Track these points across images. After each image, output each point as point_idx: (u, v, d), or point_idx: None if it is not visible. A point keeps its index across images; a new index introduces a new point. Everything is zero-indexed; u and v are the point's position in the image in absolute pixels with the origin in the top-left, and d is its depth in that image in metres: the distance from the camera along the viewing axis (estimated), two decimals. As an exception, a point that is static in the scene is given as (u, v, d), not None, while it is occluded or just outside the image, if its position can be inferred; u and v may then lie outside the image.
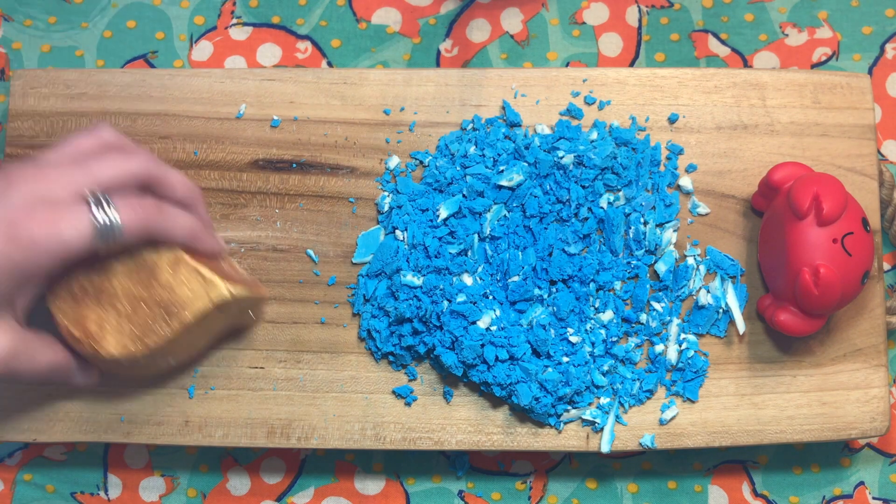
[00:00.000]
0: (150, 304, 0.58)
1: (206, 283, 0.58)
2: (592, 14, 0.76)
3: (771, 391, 0.66)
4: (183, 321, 0.58)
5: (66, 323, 0.58)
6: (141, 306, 0.58)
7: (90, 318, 0.58)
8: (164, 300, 0.58)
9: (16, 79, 0.69)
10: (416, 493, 0.71)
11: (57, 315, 0.58)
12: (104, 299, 0.58)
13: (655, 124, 0.69)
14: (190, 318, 0.58)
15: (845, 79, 0.69)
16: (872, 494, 0.71)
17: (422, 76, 0.69)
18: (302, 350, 0.67)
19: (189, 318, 0.58)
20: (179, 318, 0.58)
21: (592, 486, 0.71)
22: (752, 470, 0.71)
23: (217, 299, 0.59)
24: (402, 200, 0.67)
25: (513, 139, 0.68)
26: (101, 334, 0.58)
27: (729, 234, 0.68)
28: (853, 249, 0.61)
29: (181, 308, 0.58)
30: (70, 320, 0.58)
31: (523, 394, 0.63)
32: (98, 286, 0.58)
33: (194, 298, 0.58)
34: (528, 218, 0.66)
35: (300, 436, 0.66)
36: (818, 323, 0.63)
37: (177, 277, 0.58)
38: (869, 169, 0.68)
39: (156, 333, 0.58)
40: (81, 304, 0.58)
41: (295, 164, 0.68)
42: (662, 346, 0.66)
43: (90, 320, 0.58)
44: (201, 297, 0.58)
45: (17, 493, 0.71)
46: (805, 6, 0.76)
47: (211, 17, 0.76)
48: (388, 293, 0.66)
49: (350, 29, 0.76)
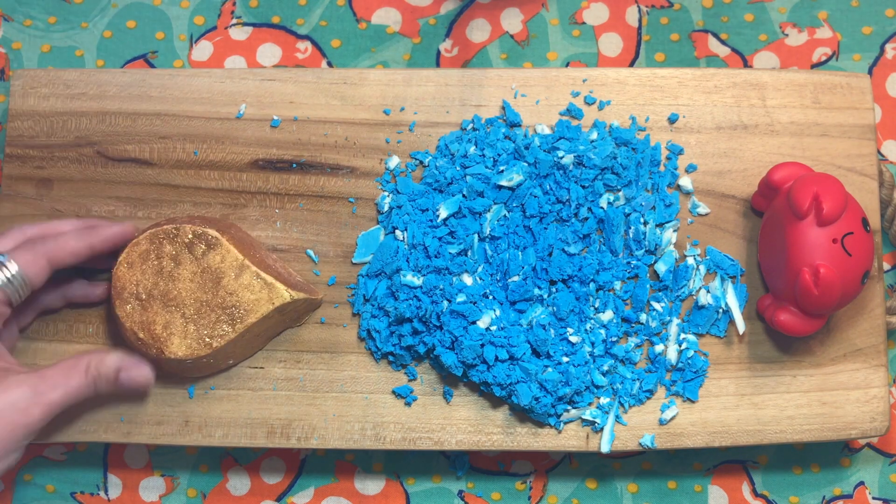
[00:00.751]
0: (215, 307, 0.62)
1: (268, 288, 0.62)
2: (592, 14, 0.76)
3: (771, 391, 0.66)
4: (246, 323, 0.62)
5: (133, 327, 0.62)
6: (205, 310, 0.62)
7: (157, 322, 0.62)
8: (228, 304, 0.62)
9: (16, 79, 0.69)
10: (416, 493, 0.71)
11: (124, 320, 0.62)
12: (170, 304, 0.62)
13: (655, 124, 0.69)
14: (253, 321, 0.62)
15: (845, 79, 0.69)
16: (872, 494, 0.71)
17: (422, 76, 0.69)
18: (302, 350, 0.67)
19: (252, 321, 0.62)
20: (243, 320, 0.62)
21: (592, 486, 0.71)
22: (752, 470, 0.71)
23: (278, 302, 0.62)
24: (402, 200, 0.67)
25: (513, 139, 0.68)
26: (167, 337, 0.62)
27: (729, 234, 0.68)
28: (853, 249, 0.61)
29: (244, 311, 0.62)
30: (136, 324, 0.62)
31: (523, 394, 0.63)
32: (164, 291, 0.62)
33: (256, 302, 0.62)
34: (528, 218, 0.66)
35: (300, 436, 0.66)
36: (818, 323, 0.63)
37: (240, 282, 0.62)
38: (869, 169, 0.68)
39: (219, 336, 0.62)
40: (148, 310, 0.62)
41: (295, 164, 0.68)
42: (662, 346, 0.66)
43: (156, 324, 0.62)
44: (263, 301, 0.62)
45: (17, 493, 0.71)
46: (805, 6, 0.76)
47: (211, 17, 0.76)
48: (388, 293, 0.66)
49: (350, 29, 0.76)
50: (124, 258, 0.63)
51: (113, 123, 0.69)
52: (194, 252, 0.63)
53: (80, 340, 0.67)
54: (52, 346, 0.67)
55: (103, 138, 0.69)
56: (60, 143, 0.68)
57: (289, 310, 0.64)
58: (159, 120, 0.69)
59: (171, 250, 0.63)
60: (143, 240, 0.63)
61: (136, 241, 0.63)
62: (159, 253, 0.63)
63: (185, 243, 0.63)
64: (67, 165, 0.68)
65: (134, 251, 0.63)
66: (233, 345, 0.63)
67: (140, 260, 0.63)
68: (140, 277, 0.63)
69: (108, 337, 0.67)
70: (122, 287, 0.63)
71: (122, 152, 0.68)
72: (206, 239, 0.63)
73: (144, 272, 0.63)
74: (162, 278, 0.63)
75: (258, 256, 0.65)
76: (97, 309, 0.67)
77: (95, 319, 0.67)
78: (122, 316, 0.62)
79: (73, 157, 0.68)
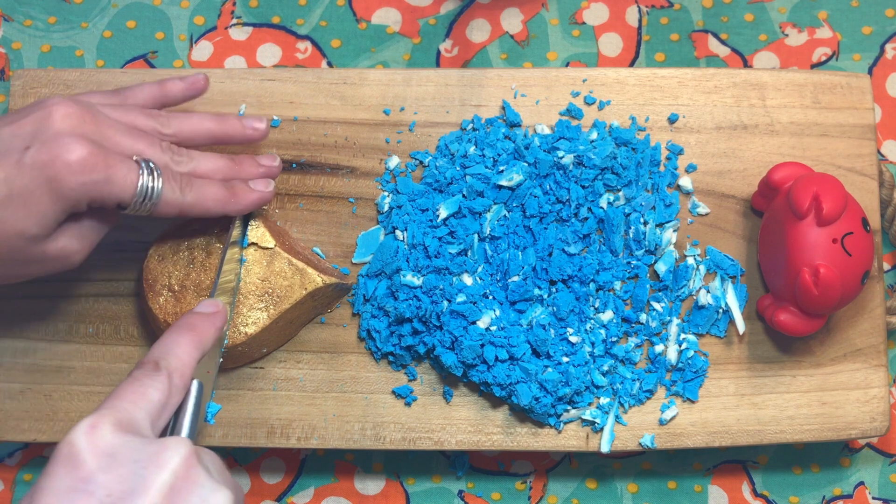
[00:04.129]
0: (248, 295, 0.62)
1: (300, 273, 0.63)
2: (592, 14, 0.76)
3: (771, 391, 0.66)
4: (280, 310, 0.62)
5: (167, 319, 0.62)
6: (239, 298, 0.62)
7: None
8: (261, 291, 0.62)
9: (16, 79, 0.69)
10: (416, 493, 0.71)
11: (157, 312, 0.62)
12: (204, 294, 0.62)
13: (655, 124, 0.69)
14: (286, 307, 0.63)
15: (845, 79, 0.69)
16: (872, 494, 0.71)
17: (422, 76, 0.69)
18: (302, 350, 0.67)
19: (285, 307, 0.63)
20: (277, 307, 0.62)
21: (592, 486, 0.71)
22: (752, 470, 0.71)
23: (311, 287, 0.63)
24: (402, 200, 0.67)
25: (513, 139, 0.68)
26: None
27: (729, 234, 0.68)
28: (853, 249, 0.61)
29: (278, 298, 0.62)
30: (171, 316, 0.62)
31: (523, 394, 0.63)
32: (196, 282, 0.62)
33: (289, 287, 0.63)
34: (528, 218, 0.66)
35: (300, 436, 0.66)
36: (818, 323, 0.63)
37: (272, 269, 0.63)
38: (869, 169, 0.68)
39: (254, 323, 0.62)
40: (181, 301, 0.62)
41: (295, 164, 0.68)
42: (662, 346, 0.66)
43: None
44: (296, 286, 0.63)
45: (17, 493, 0.71)
46: (805, 6, 0.76)
47: (211, 17, 0.76)
48: (388, 293, 0.66)
49: (350, 29, 0.76)
50: (154, 251, 0.63)
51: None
52: (224, 241, 0.63)
53: (80, 340, 0.67)
54: (52, 347, 0.67)
55: (103, 138, 0.68)
56: (60, 143, 0.68)
57: (321, 295, 0.64)
58: (159, 120, 0.69)
59: (202, 241, 0.63)
60: (172, 232, 0.64)
61: (165, 234, 0.64)
62: (190, 244, 0.63)
63: (216, 233, 0.63)
64: (67, 165, 0.68)
65: (164, 244, 0.64)
66: (266, 332, 0.63)
67: (171, 252, 0.63)
68: (172, 269, 0.63)
69: (106, 337, 0.67)
70: (153, 280, 0.63)
71: (122, 152, 0.68)
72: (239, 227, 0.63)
73: (175, 264, 0.63)
74: (194, 269, 0.63)
75: (287, 243, 0.65)
76: (97, 309, 0.67)
77: (96, 319, 0.67)
78: (155, 308, 0.63)
79: (73, 157, 0.68)
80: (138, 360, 0.54)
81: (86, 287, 0.67)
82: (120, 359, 0.66)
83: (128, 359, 0.66)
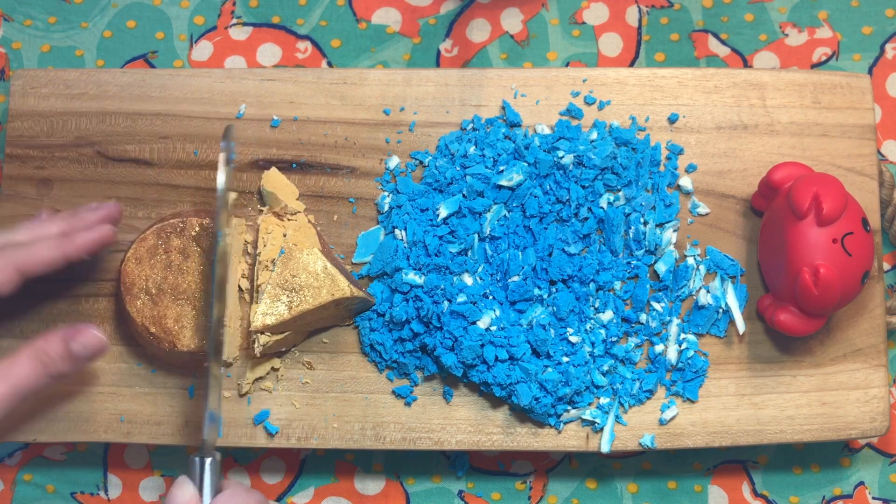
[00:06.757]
0: (275, 286, 0.63)
1: (331, 279, 0.63)
2: (592, 14, 0.76)
3: (771, 391, 0.66)
4: (302, 308, 0.63)
5: (144, 322, 0.63)
6: (266, 288, 0.62)
7: (168, 316, 0.63)
8: (290, 287, 0.63)
9: (16, 79, 0.69)
10: (416, 493, 0.71)
11: (135, 316, 0.63)
12: (181, 297, 0.63)
13: (655, 124, 0.69)
14: (308, 307, 0.63)
15: (845, 79, 0.69)
16: (872, 494, 0.71)
17: (422, 76, 0.69)
18: (302, 350, 0.67)
19: (308, 307, 0.63)
20: (300, 305, 0.62)
21: (592, 486, 0.71)
22: (752, 470, 0.71)
23: (338, 294, 0.63)
24: (402, 200, 0.67)
25: (513, 139, 0.68)
26: (178, 330, 0.62)
27: (729, 234, 0.68)
28: (853, 249, 0.61)
29: (304, 297, 0.63)
30: (147, 319, 0.63)
31: (523, 394, 0.63)
32: (173, 285, 0.63)
33: (318, 290, 0.63)
34: (528, 218, 0.66)
35: (300, 436, 0.66)
36: (818, 323, 0.63)
37: (307, 268, 0.63)
38: (869, 169, 0.68)
39: (274, 314, 0.62)
40: (159, 304, 0.63)
41: (295, 164, 0.68)
42: (662, 346, 0.66)
43: (168, 318, 0.63)
44: (324, 291, 0.63)
45: (17, 493, 0.71)
46: (805, 6, 0.76)
47: (211, 17, 0.76)
48: (387, 296, 0.66)
49: (350, 29, 0.76)
50: (132, 254, 0.63)
51: (113, 123, 0.69)
52: (202, 245, 0.63)
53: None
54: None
55: (103, 138, 0.69)
56: (60, 144, 0.68)
57: (344, 306, 0.64)
58: (159, 120, 0.69)
59: (179, 244, 0.63)
60: (149, 235, 0.64)
61: (143, 237, 0.64)
62: (167, 247, 0.63)
63: (193, 236, 0.63)
64: (67, 165, 0.68)
65: (141, 247, 0.64)
66: (283, 326, 0.63)
67: (148, 255, 0.63)
68: (149, 273, 0.63)
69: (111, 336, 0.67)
70: (131, 283, 0.63)
71: (122, 152, 0.68)
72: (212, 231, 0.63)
73: (153, 267, 0.63)
74: (171, 272, 0.63)
75: (326, 249, 0.66)
76: (97, 309, 0.67)
77: (96, 320, 0.67)
78: (132, 312, 0.63)
79: (74, 158, 0.68)
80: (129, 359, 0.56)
81: (86, 287, 0.67)
82: (119, 359, 0.66)
83: (127, 359, 0.66)
